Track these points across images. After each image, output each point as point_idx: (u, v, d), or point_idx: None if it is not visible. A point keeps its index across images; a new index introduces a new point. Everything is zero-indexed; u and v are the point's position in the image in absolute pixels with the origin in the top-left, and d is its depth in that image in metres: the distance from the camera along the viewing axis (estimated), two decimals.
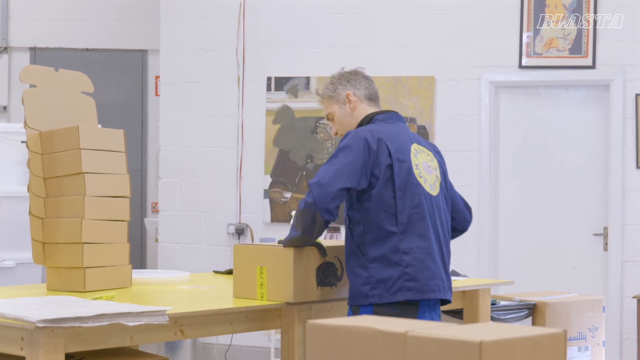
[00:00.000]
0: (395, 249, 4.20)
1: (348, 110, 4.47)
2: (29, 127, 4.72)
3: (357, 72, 4.57)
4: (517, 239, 8.16)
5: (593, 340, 6.16)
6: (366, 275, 4.21)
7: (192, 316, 4.01)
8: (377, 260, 4.20)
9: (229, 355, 8.75)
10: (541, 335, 2.63)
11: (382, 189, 4.22)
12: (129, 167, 4.93)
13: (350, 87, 4.50)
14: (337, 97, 4.49)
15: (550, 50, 7.96)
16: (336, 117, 4.49)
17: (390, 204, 4.22)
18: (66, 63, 7.98)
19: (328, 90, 4.52)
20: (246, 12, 8.75)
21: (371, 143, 4.23)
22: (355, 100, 4.47)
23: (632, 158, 7.81)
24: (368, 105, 4.50)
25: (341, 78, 4.53)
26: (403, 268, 4.19)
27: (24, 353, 3.55)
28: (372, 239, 4.22)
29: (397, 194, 4.22)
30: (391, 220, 4.22)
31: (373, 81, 4.57)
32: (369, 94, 4.52)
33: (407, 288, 4.19)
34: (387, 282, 4.18)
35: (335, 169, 4.19)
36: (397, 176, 4.24)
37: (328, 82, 4.55)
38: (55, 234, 4.68)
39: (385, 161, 4.23)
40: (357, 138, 4.25)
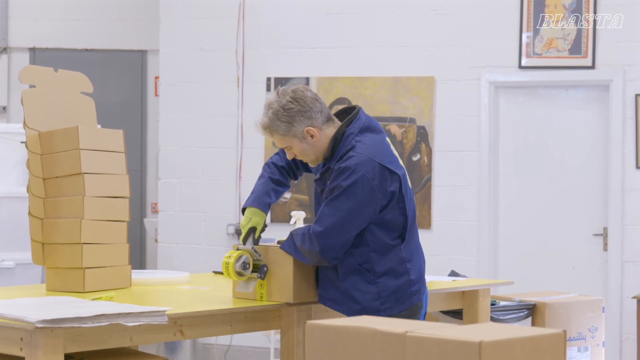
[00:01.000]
0: (400, 260, 4.16)
1: (311, 143, 4.13)
2: (28, 128, 4.72)
3: (304, 96, 4.13)
4: (516, 240, 8.16)
5: (593, 341, 6.16)
6: (376, 291, 4.15)
7: (192, 316, 4.01)
8: (385, 274, 4.15)
9: (229, 356, 8.75)
10: (541, 336, 2.62)
11: (389, 211, 4.12)
12: (129, 167, 4.93)
13: (307, 120, 4.11)
14: (294, 134, 4.10)
15: (550, 51, 7.96)
16: (298, 151, 4.17)
17: (395, 222, 4.13)
18: (66, 63, 7.97)
19: (280, 129, 4.10)
20: (246, 13, 8.75)
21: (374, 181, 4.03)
22: (317, 132, 4.12)
23: (632, 158, 7.81)
24: (328, 127, 4.15)
25: (292, 112, 4.09)
26: (409, 276, 4.17)
27: (24, 353, 3.54)
28: (378, 255, 4.14)
29: (407, 212, 4.15)
30: (394, 234, 4.15)
31: (319, 96, 4.21)
32: (325, 116, 4.16)
33: (413, 293, 4.19)
34: (397, 293, 4.15)
35: (341, 220, 4.04)
36: (405, 194, 4.14)
37: (274, 117, 4.10)
38: (55, 234, 4.67)
39: (394, 189, 4.09)
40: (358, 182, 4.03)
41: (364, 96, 8.36)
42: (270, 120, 4.12)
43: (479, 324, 2.94)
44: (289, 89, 4.17)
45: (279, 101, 4.12)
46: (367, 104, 8.32)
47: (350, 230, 4.07)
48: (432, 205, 8.22)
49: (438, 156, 8.23)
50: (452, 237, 8.19)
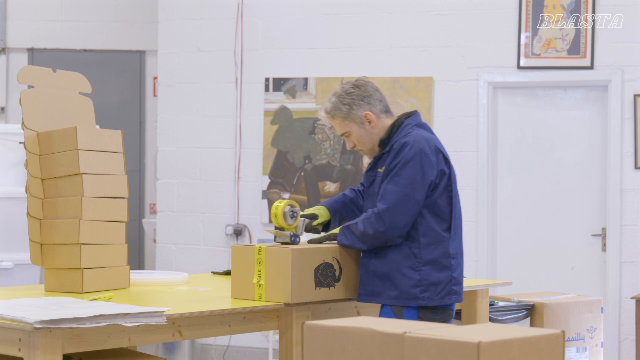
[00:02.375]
0: (446, 253, 4.28)
1: (368, 129, 4.39)
2: (26, 128, 4.72)
3: (366, 84, 4.43)
4: (515, 240, 8.16)
5: (591, 341, 6.16)
6: (418, 278, 4.26)
7: (190, 317, 4.00)
8: (430, 263, 4.26)
9: (227, 356, 8.75)
10: (539, 336, 2.62)
11: (438, 197, 4.27)
12: (127, 168, 4.93)
13: (366, 105, 4.39)
14: (354, 117, 4.37)
15: (548, 51, 7.96)
16: (354, 136, 4.42)
17: (444, 211, 4.29)
18: (64, 64, 7.98)
19: (341, 111, 4.38)
20: (244, 13, 8.75)
21: (431, 155, 4.25)
22: (374, 118, 4.39)
23: (631, 158, 7.81)
24: (386, 118, 4.42)
25: (353, 96, 4.39)
26: (451, 272, 4.29)
27: (22, 354, 3.54)
28: (427, 242, 4.27)
29: (454, 201, 4.30)
30: (444, 225, 4.29)
31: (379, 89, 4.49)
32: (384, 106, 4.44)
33: (454, 292, 4.29)
34: (437, 285, 4.26)
35: (404, 194, 4.21)
36: (454, 183, 4.32)
37: (337, 100, 4.40)
38: (53, 234, 4.67)
39: (445, 170, 4.28)
40: (418, 153, 4.24)
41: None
42: (333, 105, 4.40)
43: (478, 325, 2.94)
44: (354, 80, 4.45)
45: (342, 87, 4.42)
46: None
47: (414, 203, 4.21)
48: None
49: None
50: None
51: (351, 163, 8.38)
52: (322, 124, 8.46)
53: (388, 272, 4.31)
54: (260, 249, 4.38)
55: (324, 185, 8.45)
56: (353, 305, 4.63)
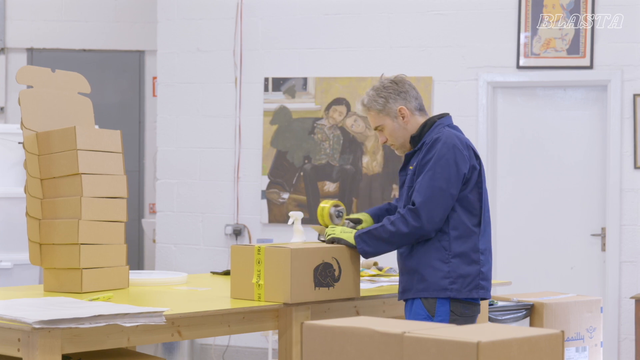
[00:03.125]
0: (475, 247, 4.34)
1: (401, 124, 4.48)
2: (25, 128, 4.71)
3: (403, 81, 4.54)
4: (514, 240, 8.16)
5: (591, 341, 6.16)
6: (447, 270, 4.30)
7: (189, 317, 4.00)
8: (459, 256, 4.31)
9: (227, 356, 8.74)
10: (538, 336, 2.62)
11: (469, 192, 4.34)
12: (126, 168, 4.93)
13: (402, 100, 4.49)
14: (388, 111, 4.48)
15: (547, 51, 7.96)
16: (387, 130, 4.50)
17: (475, 206, 4.35)
18: (63, 64, 7.97)
19: (377, 104, 4.49)
20: (243, 13, 8.75)
21: (463, 150, 4.32)
22: (408, 113, 4.48)
23: (630, 158, 7.81)
24: (420, 116, 4.51)
25: (390, 91, 4.50)
26: (480, 267, 4.34)
27: (21, 354, 3.54)
28: (457, 235, 4.32)
29: (483, 196, 4.37)
30: (474, 220, 4.35)
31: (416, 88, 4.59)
32: (419, 104, 4.53)
33: (482, 287, 4.34)
34: (466, 278, 4.31)
35: (439, 188, 4.26)
36: (484, 179, 4.39)
37: (374, 93, 4.51)
38: (52, 235, 4.67)
39: (475, 165, 4.35)
40: (451, 148, 4.30)
41: (361, 96, 8.35)
42: (370, 98, 4.52)
43: (477, 325, 2.93)
44: (392, 76, 4.60)
45: (381, 81, 4.55)
46: None
47: (449, 197, 4.28)
48: None
49: None
50: None
51: (350, 163, 8.38)
52: (321, 124, 8.45)
53: (417, 267, 4.36)
54: (259, 249, 4.38)
55: (324, 185, 8.45)
56: (352, 305, 4.63)
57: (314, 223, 8.23)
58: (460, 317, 4.31)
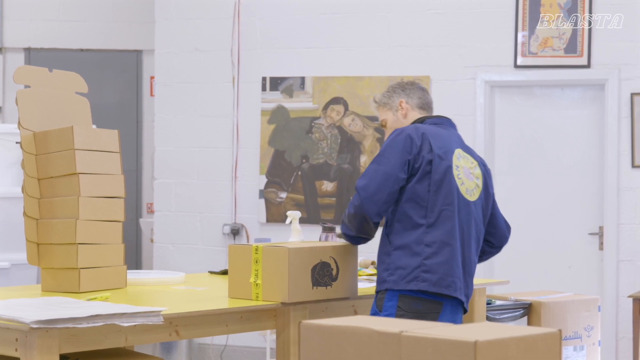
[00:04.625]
0: (419, 240, 4.29)
1: (400, 116, 4.59)
2: (23, 128, 4.71)
3: (413, 82, 4.68)
4: (512, 239, 8.11)
5: (589, 340, 6.16)
6: (388, 262, 4.32)
7: (187, 317, 4.00)
8: (400, 248, 4.30)
9: (225, 356, 8.74)
10: (536, 335, 2.62)
11: (417, 182, 4.31)
12: (124, 167, 4.92)
13: (404, 95, 4.60)
14: (391, 104, 4.61)
15: (545, 50, 7.96)
16: (389, 124, 4.61)
17: (423, 197, 4.30)
18: (61, 64, 7.97)
19: (384, 98, 4.64)
20: (241, 13, 8.75)
21: (415, 138, 4.32)
22: (408, 107, 4.59)
23: (628, 157, 7.81)
24: (419, 113, 4.60)
25: (397, 87, 4.65)
26: (422, 259, 4.28)
27: (19, 354, 3.54)
28: (400, 227, 4.31)
29: (432, 188, 4.31)
30: (421, 212, 4.31)
31: (428, 93, 4.69)
32: (422, 103, 4.61)
33: (423, 279, 4.26)
34: (404, 269, 4.27)
35: (383, 171, 4.29)
36: (435, 172, 4.32)
37: (385, 91, 4.68)
38: (50, 234, 4.67)
39: (426, 156, 4.31)
40: (402, 135, 4.34)
41: (359, 96, 8.36)
42: (382, 94, 4.69)
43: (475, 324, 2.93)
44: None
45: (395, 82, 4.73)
46: (363, 103, 8.33)
47: (389, 177, 4.27)
48: None
49: None
50: None
51: (348, 162, 8.38)
52: (319, 123, 8.46)
53: (377, 261, 4.42)
54: (257, 248, 4.38)
55: (321, 185, 8.45)
56: (350, 304, 4.63)
57: (311, 222, 8.25)
58: (408, 313, 4.23)
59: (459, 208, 4.37)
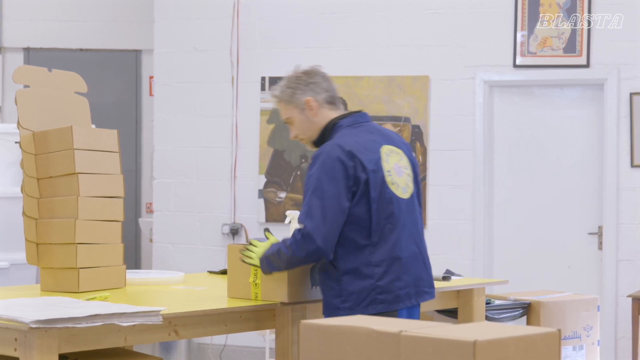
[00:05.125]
0: (367, 261, 4.09)
1: (309, 116, 4.27)
2: (22, 128, 4.71)
3: (315, 72, 4.35)
4: (511, 239, 8.16)
5: (588, 340, 6.16)
6: (338, 288, 4.11)
7: (186, 316, 4.00)
8: (349, 273, 4.09)
9: (224, 356, 8.74)
10: (535, 335, 2.62)
11: (356, 205, 4.08)
12: (123, 167, 4.93)
13: (310, 91, 4.29)
14: (296, 103, 4.29)
15: (544, 50, 7.96)
16: (296, 123, 4.30)
17: (363, 218, 4.09)
18: (60, 63, 7.96)
19: (285, 95, 4.32)
20: (240, 13, 8.74)
21: (346, 161, 4.07)
22: (316, 105, 4.27)
23: (627, 157, 7.81)
24: (329, 109, 4.29)
25: (299, 81, 4.33)
26: (375, 281, 4.09)
27: (18, 354, 3.54)
28: (343, 252, 4.10)
29: (372, 207, 4.09)
30: (363, 233, 4.10)
31: (332, 80, 4.36)
32: (330, 97, 4.30)
33: (379, 301, 4.09)
34: (359, 294, 4.09)
35: (331, 207, 4.04)
36: (373, 189, 4.10)
37: (284, 84, 4.35)
38: (49, 234, 4.67)
39: (361, 176, 4.08)
40: (332, 160, 4.07)
41: (358, 95, 8.36)
42: (280, 88, 4.37)
43: (474, 323, 2.94)
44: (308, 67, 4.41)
45: (293, 72, 4.41)
46: (362, 103, 8.32)
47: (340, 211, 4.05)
48: (427, 204, 8.22)
49: (433, 155, 8.24)
50: (447, 236, 8.19)
51: None
52: None
53: (320, 284, 4.22)
54: None
55: None
56: None
57: None
58: None
59: (400, 214, 4.17)
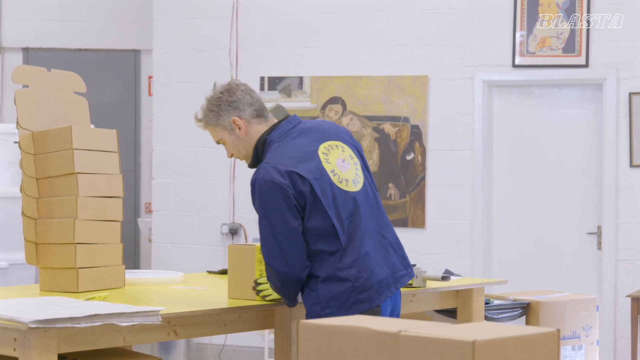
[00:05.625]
0: (340, 265, 4.05)
1: (240, 135, 4.19)
2: (21, 128, 4.71)
3: (234, 89, 4.21)
4: (510, 238, 8.16)
5: (587, 339, 6.16)
6: (316, 295, 4.06)
7: (185, 316, 4.00)
8: (326, 280, 4.05)
9: (223, 355, 8.74)
10: (534, 335, 2.62)
11: (309, 218, 4.03)
12: (122, 167, 4.92)
13: (233, 110, 4.17)
14: (223, 124, 4.19)
15: (543, 49, 7.96)
16: (228, 144, 4.24)
17: (324, 227, 4.04)
18: (59, 63, 7.96)
19: (210, 118, 4.21)
20: (239, 13, 8.74)
21: (283, 183, 3.98)
22: (243, 123, 4.17)
23: (626, 157, 7.82)
24: (258, 123, 4.19)
25: (220, 102, 4.19)
26: (352, 283, 4.04)
27: (17, 354, 3.54)
28: (317, 261, 4.06)
29: (329, 213, 4.03)
30: (330, 240, 4.05)
31: (254, 91, 4.27)
32: (255, 110, 4.20)
33: (360, 300, 4.05)
34: (339, 299, 4.04)
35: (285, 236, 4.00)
36: (322, 196, 4.03)
37: (206, 107, 4.24)
38: (48, 234, 4.66)
39: (305, 190, 4.00)
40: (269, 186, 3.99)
41: (357, 95, 8.36)
42: (203, 112, 4.25)
43: (473, 323, 2.93)
44: (226, 83, 4.27)
45: (213, 92, 4.24)
46: (361, 103, 8.33)
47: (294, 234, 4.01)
48: (426, 204, 8.22)
49: (432, 155, 8.24)
50: (446, 236, 8.19)
51: None
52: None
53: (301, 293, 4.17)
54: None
55: None
56: None
57: None
58: None
59: (357, 209, 4.10)
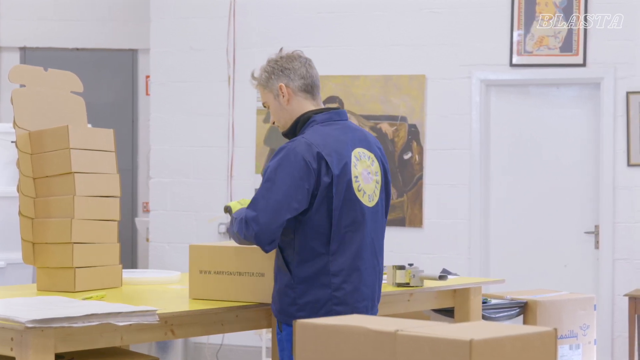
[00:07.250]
0: (324, 270, 3.94)
1: (282, 102, 4.08)
2: (18, 127, 4.71)
3: (294, 57, 4.14)
4: (508, 238, 8.16)
5: (584, 339, 6.16)
6: (293, 296, 3.96)
7: (183, 316, 4.00)
8: (305, 281, 3.94)
9: (221, 355, 8.74)
10: (532, 334, 2.62)
11: (316, 210, 3.92)
12: (120, 166, 4.92)
13: (284, 77, 4.08)
14: (270, 88, 4.10)
15: (541, 49, 7.96)
16: (272, 108, 4.13)
17: (323, 225, 3.93)
18: (56, 63, 7.95)
19: (261, 78, 4.15)
20: (236, 12, 8.74)
21: (311, 162, 3.89)
22: (289, 92, 4.07)
23: (623, 156, 7.82)
24: (304, 98, 4.09)
25: (275, 66, 4.12)
26: (332, 291, 3.94)
27: (14, 353, 3.54)
28: (301, 259, 3.95)
29: (334, 214, 3.93)
30: (322, 240, 3.94)
31: (313, 67, 4.15)
32: (305, 84, 4.09)
33: (336, 312, 3.92)
34: (315, 303, 3.94)
35: (276, 201, 3.86)
36: (335, 195, 3.93)
37: (263, 67, 4.18)
38: (45, 234, 4.66)
39: (325, 180, 3.91)
40: (295, 157, 3.89)
41: (355, 95, 8.36)
42: (259, 71, 4.19)
43: (470, 323, 2.93)
44: (291, 51, 4.20)
45: (274, 56, 4.19)
46: (358, 102, 8.32)
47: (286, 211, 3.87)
48: (424, 203, 8.23)
49: (429, 154, 8.24)
50: (443, 235, 8.19)
51: None
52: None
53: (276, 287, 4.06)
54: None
55: None
56: None
57: None
58: None
59: (363, 222, 4.01)
